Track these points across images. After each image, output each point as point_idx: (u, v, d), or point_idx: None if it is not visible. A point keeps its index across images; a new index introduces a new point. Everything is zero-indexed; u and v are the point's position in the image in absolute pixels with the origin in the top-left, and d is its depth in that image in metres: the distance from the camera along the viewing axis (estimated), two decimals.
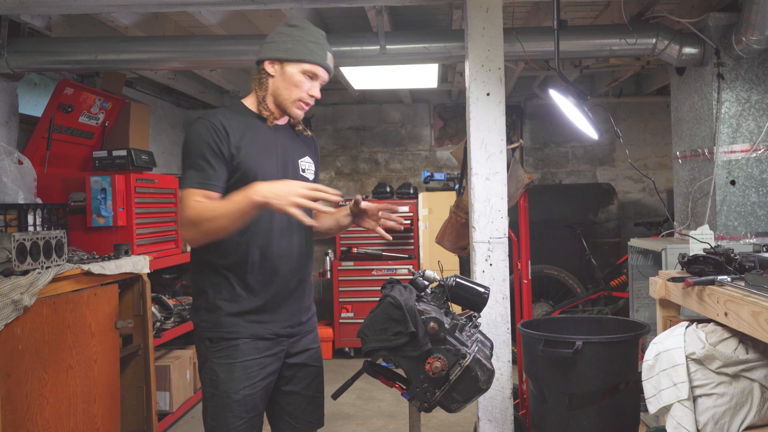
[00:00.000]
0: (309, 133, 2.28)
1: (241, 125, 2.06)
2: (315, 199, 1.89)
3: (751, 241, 3.35)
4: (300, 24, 2.12)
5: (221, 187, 2.00)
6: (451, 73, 5.38)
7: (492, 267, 3.08)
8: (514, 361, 3.23)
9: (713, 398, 2.03)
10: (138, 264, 3.58)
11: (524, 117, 6.61)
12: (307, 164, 2.23)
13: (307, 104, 2.13)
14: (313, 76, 2.11)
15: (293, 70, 2.08)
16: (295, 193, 1.85)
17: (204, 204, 1.93)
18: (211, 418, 2.07)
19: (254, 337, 2.07)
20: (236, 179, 2.03)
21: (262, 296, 2.09)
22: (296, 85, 2.08)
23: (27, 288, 2.68)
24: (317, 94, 2.14)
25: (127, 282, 3.65)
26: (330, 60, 2.14)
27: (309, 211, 2.21)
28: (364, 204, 2.24)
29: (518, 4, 3.90)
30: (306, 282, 2.21)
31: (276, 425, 2.22)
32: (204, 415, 2.10)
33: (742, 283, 2.08)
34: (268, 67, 2.10)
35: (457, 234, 3.46)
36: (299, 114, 2.15)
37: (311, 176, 2.26)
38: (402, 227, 2.30)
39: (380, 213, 2.26)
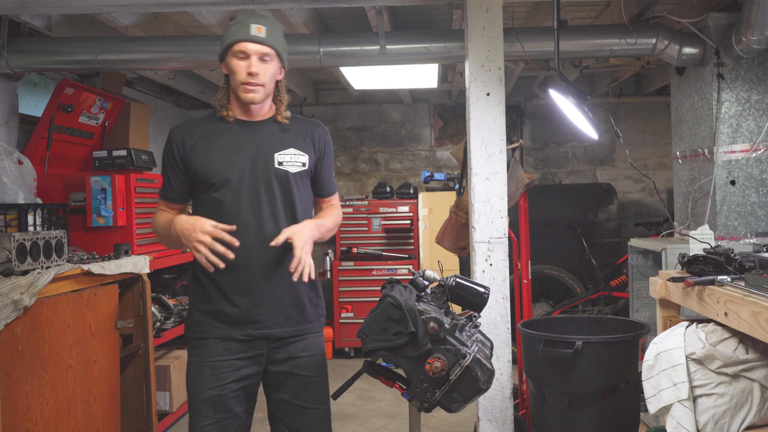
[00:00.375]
0: (286, 121, 2.18)
1: (201, 131, 2.13)
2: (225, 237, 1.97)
3: (751, 241, 3.35)
4: (236, 15, 2.14)
5: (178, 198, 2.19)
6: (451, 73, 5.38)
7: (492, 267, 3.08)
8: (514, 361, 3.23)
9: (713, 398, 2.03)
10: (138, 264, 3.58)
11: (524, 117, 6.61)
12: (288, 156, 2.13)
13: (251, 84, 2.07)
14: (244, 55, 2.07)
15: (228, 59, 2.11)
16: (196, 238, 1.96)
17: (159, 219, 2.18)
18: (189, 414, 2.10)
19: (225, 337, 2.06)
20: (195, 182, 2.14)
21: (233, 296, 2.06)
22: (234, 70, 2.09)
23: (27, 288, 2.68)
24: (254, 69, 2.06)
25: (127, 282, 3.65)
26: (257, 30, 2.05)
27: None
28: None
29: (518, 4, 3.90)
30: (287, 284, 2.08)
31: (272, 428, 2.21)
32: None
33: (742, 283, 2.08)
34: (223, 70, 2.16)
35: (457, 234, 3.46)
36: (248, 96, 2.08)
37: (294, 168, 2.14)
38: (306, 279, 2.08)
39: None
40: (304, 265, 2.00)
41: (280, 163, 2.13)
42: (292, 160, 2.15)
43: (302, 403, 2.13)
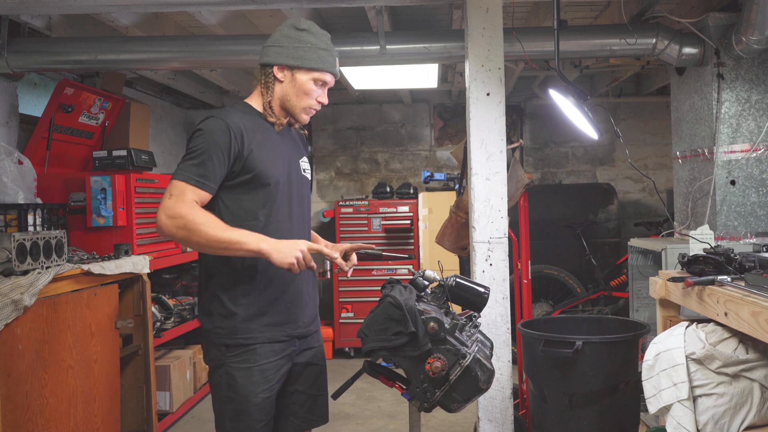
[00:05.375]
0: (305, 132, 2.32)
1: (253, 127, 2.08)
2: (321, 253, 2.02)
3: (751, 241, 3.35)
4: (309, 28, 2.11)
5: (214, 189, 2.01)
6: (451, 73, 5.38)
7: (492, 267, 3.08)
8: (514, 361, 3.23)
9: (713, 398, 2.03)
10: (138, 264, 3.58)
11: (524, 117, 6.61)
12: (305, 164, 2.27)
13: (315, 110, 2.16)
14: (323, 84, 2.13)
15: (304, 78, 2.08)
16: (296, 253, 1.93)
17: (206, 217, 1.94)
18: (231, 421, 2.05)
19: (270, 340, 2.08)
20: (249, 180, 2.05)
21: (276, 301, 2.09)
22: (307, 93, 2.10)
23: (27, 288, 2.68)
24: (325, 100, 2.16)
25: (127, 282, 3.65)
26: (338, 65, 2.17)
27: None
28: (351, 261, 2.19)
29: (518, 4, 3.90)
30: (310, 282, 2.23)
31: (280, 425, 2.21)
32: (220, 418, 2.08)
33: (742, 283, 2.08)
34: (278, 72, 2.09)
35: (457, 234, 3.46)
36: (307, 120, 2.17)
37: (309, 176, 2.28)
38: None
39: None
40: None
41: (304, 171, 2.24)
42: (308, 168, 2.28)
43: (315, 392, 2.22)
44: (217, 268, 2.09)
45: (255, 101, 2.15)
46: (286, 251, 1.93)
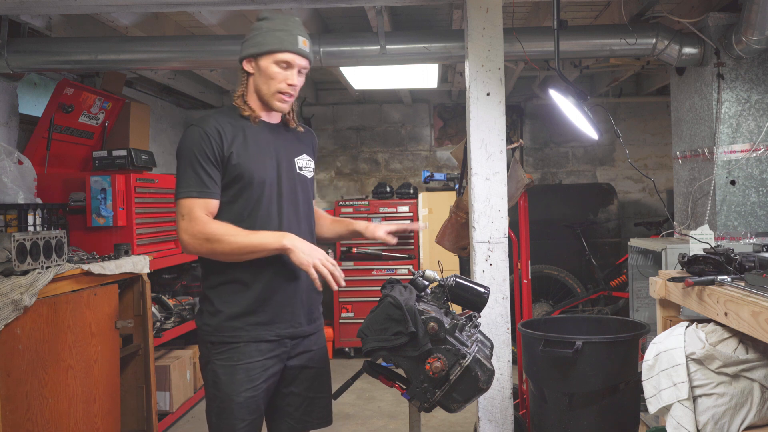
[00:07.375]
0: (301, 129, 2.27)
1: (233, 128, 2.08)
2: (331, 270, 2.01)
3: (751, 241, 3.35)
4: (269, 15, 2.12)
5: (218, 194, 2.05)
6: (451, 73, 5.38)
7: (492, 267, 3.08)
8: (514, 361, 3.23)
9: (713, 398, 2.03)
10: (138, 264, 3.58)
11: (524, 117, 6.61)
12: (305, 162, 2.23)
13: (288, 95, 2.11)
14: (287, 65, 2.09)
15: (266, 62, 2.08)
16: (318, 257, 1.98)
17: (224, 228, 1.99)
18: (215, 417, 2.08)
19: (256, 339, 2.07)
20: (232, 181, 2.05)
21: (265, 300, 2.09)
22: (272, 76, 2.08)
23: (27, 288, 2.68)
24: (295, 81, 2.11)
25: (127, 282, 3.65)
26: (303, 44, 2.10)
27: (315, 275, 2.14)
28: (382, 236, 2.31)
29: (518, 4, 3.90)
30: (307, 283, 2.18)
31: (275, 426, 2.21)
32: (207, 414, 2.11)
33: (742, 283, 2.08)
34: (246, 65, 2.12)
35: (457, 234, 3.46)
36: (282, 106, 2.13)
37: (309, 174, 2.25)
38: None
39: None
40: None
41: (300, 168, 2.21)
42: (307, 165, 2.24)
43: (312, 395, 2.20)
44: (211, 268, 2.10)
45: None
46: (309, 251, 1.98)
